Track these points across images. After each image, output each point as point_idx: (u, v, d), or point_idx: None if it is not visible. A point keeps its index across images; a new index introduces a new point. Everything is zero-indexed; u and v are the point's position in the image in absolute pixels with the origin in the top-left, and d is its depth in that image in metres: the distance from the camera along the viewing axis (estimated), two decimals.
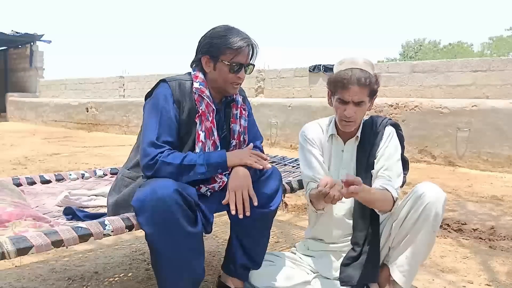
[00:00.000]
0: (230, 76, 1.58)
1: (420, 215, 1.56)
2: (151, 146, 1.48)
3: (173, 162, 1.46)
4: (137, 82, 11.57)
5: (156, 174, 1.46)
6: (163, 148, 1.48)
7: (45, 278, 1.95)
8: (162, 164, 1.46)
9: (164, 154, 1.47)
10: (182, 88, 1.58)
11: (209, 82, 1.62)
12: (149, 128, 1.52)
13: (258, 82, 9.05)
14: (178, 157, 1.48)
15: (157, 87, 1.60)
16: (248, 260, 1.69)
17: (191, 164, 1.48)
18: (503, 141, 4.92)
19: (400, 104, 5.72)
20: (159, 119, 1.52)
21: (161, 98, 1.55)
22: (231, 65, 1.56)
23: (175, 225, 1.38)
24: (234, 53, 1.55)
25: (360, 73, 1.61)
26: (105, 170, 2.52)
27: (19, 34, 13.48)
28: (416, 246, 1.60)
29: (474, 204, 3.50)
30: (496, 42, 29.54)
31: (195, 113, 1.57)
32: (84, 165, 5.11)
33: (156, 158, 1.46)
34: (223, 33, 1.56)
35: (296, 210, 3.24)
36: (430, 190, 1.57)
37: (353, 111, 1.64)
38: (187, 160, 1.48)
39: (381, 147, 1.71)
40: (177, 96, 1.56)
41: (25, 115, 12.93)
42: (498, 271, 2.13)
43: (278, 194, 1.66)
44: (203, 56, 1.59)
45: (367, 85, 1.61)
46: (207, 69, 1.60)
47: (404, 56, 30.73)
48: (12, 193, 1.71)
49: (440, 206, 1.55)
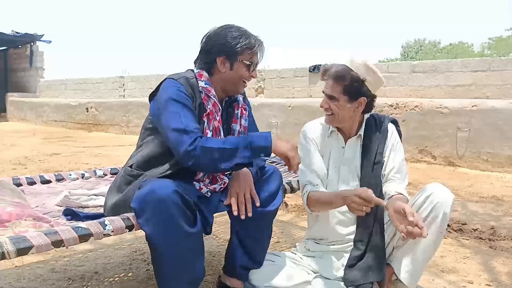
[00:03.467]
0: (246, 75, 1.61)
1: (428, 215, 1.57)
2: (183, 133, 1.42)
3: (214, 146, 1.40)
4: (137, 82, 11.55)
5: (197, 161, 1.41)
6: (197, 134, 1.43)
7: (45, 278, 1.95)
8: (202, 150, 1.40)
9: (203, 139, 1.42)
10: (191, 85, 1.57)
11: (218, 81, 1.61)
12: (174, 117, 1.45)
13: (258, 82, 9.04)
14: (219, 141, 1.44)
15: (165, 83, 1.56)
16: (249, 260, 1.69)
17: (234, 148, 1.42)
18: (503, 141, 4.92)
19: (400, 104, 5.71)
20: (182, 109, 1.47)
21: (176, 91, 1.51)
22: (249, 65, 1.59)
23: (175, 226, 1.37)
24: (252, 53, 1.59)
25: (339, 68, 1.65)
26: (105, 170, 2.52)
27: (19, 34, 13.47)
28: (423, 246, 1.60)
29: (475, 204, 3.50)
30: (496, 42, 29.52)
31: (203, 111, 1.57)
32: (84, 165, 5.10)
33: (196, 144, 1.40)
34: (238, 34, 1.57)
35: (296, 210, 3.24)
36: (439, 191, 1.58)
37: (325, 103, 1.70)
38: (228, 143, 1.43)
39: (387, 145, 1.74)
40: (189, 91, 1.55)
41: (25, 115, 12.92)
42: (499, 271, 2.13)
43: (278, 194, 1.66)
44: (219, 57, 1.58)
45: (339, 81, 1.64)
46: (223, 69, 1.59)
47: (404, 57, 30.72)
48: (12, 193, 1.71)
49: (449, 207, 1.56)
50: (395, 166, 1.71)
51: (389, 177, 1.71)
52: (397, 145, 1.76)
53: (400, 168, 1.72)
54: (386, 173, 1.72)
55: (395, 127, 1.81)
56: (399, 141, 1.78)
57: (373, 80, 1.66)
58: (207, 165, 1.44)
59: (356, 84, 1.64)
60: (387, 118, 1.82)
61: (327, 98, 1.69)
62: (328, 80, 1.68)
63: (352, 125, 1.76)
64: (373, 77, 1.66)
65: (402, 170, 1.72)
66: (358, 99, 1.67)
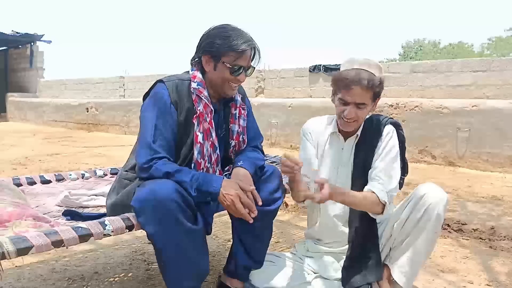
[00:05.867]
0: (230, 78, 1.56)
1: (422, 216, 1.56)
2: (147, 148, 1.47)
3: (164, 171, 1.43)
4: (138, 82, 11.56)
5: (150, 177, 1.46)
6: (159, 154, 1.47)
7: (45, 278, 1.95)
8: (155, 170, 1.45)
9: (159, 163, 1.46)
10: (180, 89, 1.56)
11: (207, 81, 1.60)
12: (146, 130, 1.51)
13: (258, 82, 9.04)
14: (172, 168, 1.45)
15: (154, 88, 1.59)
16: (249, 260, 1.69)
17: (182, 182, 1.43)
18: (503, 141, 4.92)
19: (400, 104, 5.71)
20: (156, 121, 1.50)
21: (158, 99, 1.53)
22: (232, 67, 1.54)
23: (176, 224, 1.38)
24: (236, 56, 1.53)
25: (364, 74, 1.58)
26: (105, 170, 2.52)
27: (19, 34, 13.47)
28: (418, 247, 1.59)
29: (474, 204, 3.50)
30: (496, 43, 29.52)
31: (193, 113, 1.56)
32: (84, 165, 5.10)
33: (151, 164, 1.45)
34: (227, 34, 1.53)
35: (296, 210, 3.24)
36: (432, 191, 1.56)
37: (353, 113, 1.61)
38: (178, 176, 1.43)
39: (379, 146, 1.69)
40: (174, 97, 1.55)
41: (25, 115, 12.92)
42: (498, 271, 2.13)
43: (279, 193, 1.66)
44: (204, 55, 1.57)
45: (369, 88, 1.58)
46: (207, 68, 1.58)
47: (404, 57, 30.70)
48: (12, 193, 1.71)
49: (442, 207, 1.54)
50: (380, 167, 1.65)
51: (372, 176, 1.65)
52: (389, 148, 1.68)
53: (386, 169, 1.64)
54: (370, 172, 1.67)
55: (396, 130, 1.74)
56: (394, 145, 1.69)
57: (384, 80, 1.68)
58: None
59: (382, 86, 1.64)
60: (386, 120, 1.76)
61: (355, 107, 1.60)
62: (355, 89, 1.58)
63: (359, 125, 1.74)
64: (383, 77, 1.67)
65: (388, 171, 1.64)
66: (377, 100, 1.67)
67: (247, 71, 1.59)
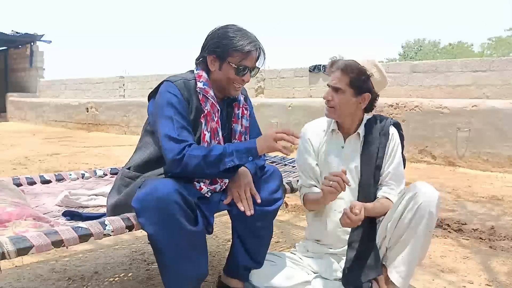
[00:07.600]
0: (235, 78, 1.57)
1: (414, 215, 1.55)
2: (173, 141, 1.45)
3: (200, 153, 1.43)
4: (137, 82, 11.56)
5: (183, 168, 1.44)
6: (186, 143, 1.46)
7: (45, 278, 1.95)
8: (189, 157, 1.43)
9: (191, 148, 1.45)
10: (188, 88, 1.56)
11: (212, 81, 1.61)
12: (167, 125, 1.48)
13: (258, 82, 9.05)
14: (205, 149, 1.46)
15: (162, 86, 1.57)
16: (250, 260, 1.69)
17: (220, 153, 1.45)
18: (503, 141, 4.92)
19: (400, 104, 5.71)
20: (174, 115, 1.49)
21: (172, 96, 1.52)
22: (237, 67, 1.55)
23: (176, 225, 1.38)
24: (242, 56, 1.54)
25: (348, 61, 1.67)
26: (105, 170, 2.52)
27: (19, 34, 13.48)
28: (412, 247, 1.59)
29: (474, 204, 3.50)
30: (496, 42, 29.52)
31: (200, 113, 1.56)
32: (84, 165, 5.10)
33: (183, 153, 1.43)
34: (233, 34, 1.54)
35: (296, 210, 3.24)
36: (423, 190, 1.56)
37: (330, 94, 1.70)
38: (215, 150, 1.45)
39: (388, 150, 1.74)
40: (186, 95, 1.55)
41: (25, 115, 12.93)
42: (498, 271, 2.13)
43: (279, 193, 1.66)
44: (209, 55, 1.57)
45: (346, 73, 1.65)
46: (212, 68, 1.59)
47: (404, 57, 30.71)
48: (12, 193, 1.71)
49: (434, 205, 1.54)
50: (391, 172, 1.72)
51: (384, 182, 1.73)
52: (396, 150, 1.75)
53: (395, 173, 1.72)
54: (382, 178, 1.73)
55: (397, 130, 1.79)
56: (398, 145, 1.76)
57: (379, 78, 1.69)
58: (193, 173, 1.47)
59: (363, 77, 1.66)
60: (389, 120, 1.80)
61: (333, 91, 1.70)
62: (335, 72, 1.69)
63: (352, 122, 1.77)
64: (379, 75, 1.69)
65: (398, 175, 1.73)
66: (362, 94, 1.69)
67: (252, 72, 1.60)
